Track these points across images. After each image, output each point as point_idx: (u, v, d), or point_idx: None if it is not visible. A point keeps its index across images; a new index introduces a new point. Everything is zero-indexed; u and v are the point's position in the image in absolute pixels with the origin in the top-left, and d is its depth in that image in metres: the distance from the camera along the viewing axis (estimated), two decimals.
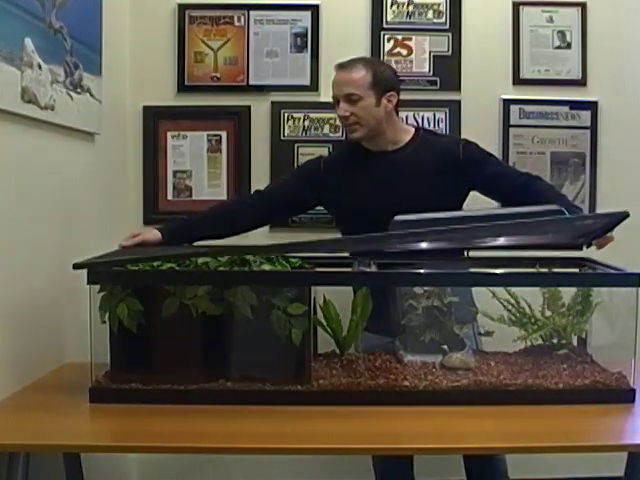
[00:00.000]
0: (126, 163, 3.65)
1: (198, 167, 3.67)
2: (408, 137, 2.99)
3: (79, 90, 2.90)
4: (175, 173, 3.67)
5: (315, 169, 3.05)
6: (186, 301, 2.31)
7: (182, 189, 3.66)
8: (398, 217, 2.43)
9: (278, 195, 3.04)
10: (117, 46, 3.46)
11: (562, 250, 2.76)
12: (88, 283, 2.30)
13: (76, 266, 2.29)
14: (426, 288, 2.51)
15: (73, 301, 2.70)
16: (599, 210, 3.69)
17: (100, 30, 3.12)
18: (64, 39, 2.76)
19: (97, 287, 2.34)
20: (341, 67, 2.93)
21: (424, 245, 2.51)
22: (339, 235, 3.08)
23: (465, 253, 2.84)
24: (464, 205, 3.00)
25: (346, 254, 2.85)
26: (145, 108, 3.65)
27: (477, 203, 3.01)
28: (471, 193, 2.97)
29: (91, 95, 3.01)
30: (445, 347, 2.47)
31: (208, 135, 3.67)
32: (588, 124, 3.70)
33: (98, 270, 2.34)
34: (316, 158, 3.15)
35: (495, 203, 3.04)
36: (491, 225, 2.36)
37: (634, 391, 2.33)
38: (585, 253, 2.50)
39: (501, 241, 2.55)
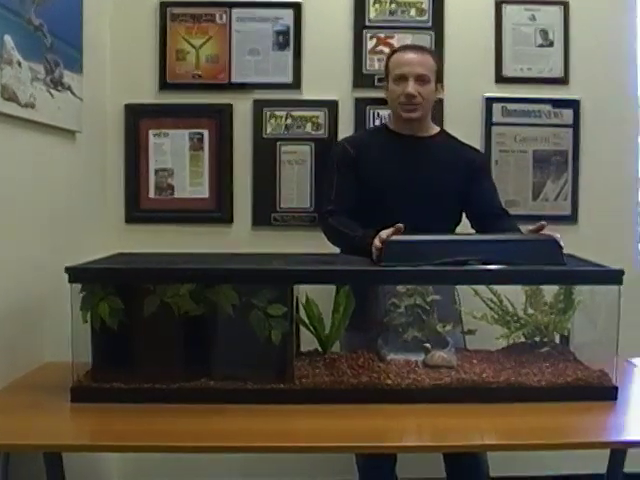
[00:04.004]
0: (107, 161, 3.62)
1: (180, 165, 3.65)
2: (436, 129, 3.18)
3: (60, 88, 2.88)
4: (157, 171, 3.65)
5: (347, 153, 3.10)
6: (167, 300, 2.30)
7: (164, 187, 3.64)
8: (393, 238, 2.47)
9: (350, 196, 3.04)
10: (98, 43, 3.44)
11: None
12: (69, 282, 2.29)
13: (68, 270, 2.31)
14: (409, 286, 2.52)
15: (54, 300, 2.68)
16: (581, 208, 3.71)
17: (81, 27, 3.10)
18: (44, 36, 2.74)
19: (78, 286, 2.33)
20: (411, 49, 3.10)
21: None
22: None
23: None
24: None
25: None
26: (127, 106, 3.63)
27: None
28: None
29: (72, 93, 2.99)
30: (428, 345, 2.47)
31: (190, 133, 3.65)
32: (570, 122, 3.71)
33: (78, 269, 2.33)
34: (338, 145, 3.22)
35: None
36: (486, 270, 2.38)
37: (616, 389, 2.34)
38: (567, 250, 2.50)
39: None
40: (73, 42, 3.02)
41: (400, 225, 2.52)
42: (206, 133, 3.65)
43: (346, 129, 3.61)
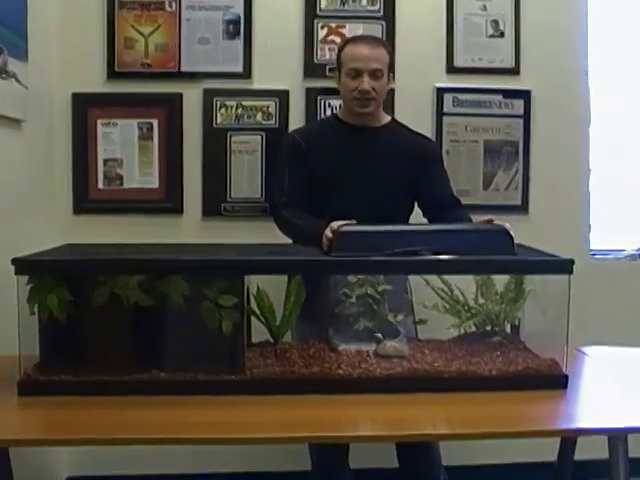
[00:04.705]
0: (55, 151, 3.56)
1: (129, 155, 3.60)
2: (387, 119, 3.15)
3: (4, 75, 2.83)
4: (106, 161, 3.60)
5: (297, 144, 3.08)
6: (117, 291, 2.28)
7: (113, 177, 3.59)
8: (344, 228, 2.47)
9: (302, 188, 3.02)
10: (44, 30, 3.38)
11: None
12: (16, 274, 2.26)
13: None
14: (359, 276, 2.51)
15: (0, 292, 2.63)
16: (531, 198, 3.73)
17: (25, 13, 3.04)
18: None
19: (25, 278, 2.29)
20: (364, 42, 3.04)
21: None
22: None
23: None
24: None
25: None
26: (74, 95, 3.57)
27: None
28: None
29: (17, 81, 2.94)
30: (379, 335, 2.47)
31: (139, 123, 3.60)
32: (521, 112, 3.73)
33: (25, 260, 2.29)
34: (288, 137, 3.19)
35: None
36: (437, 260, 2.39)
37: (566, 377, 2.35)
38: (518, 240, 2.51)
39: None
40: (18, 29, 2.97)
41: (353, 221, 2.54)
42: (155, 123, 3.61)
43: (297, 119, 3.60)
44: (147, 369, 2.31)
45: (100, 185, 3.60)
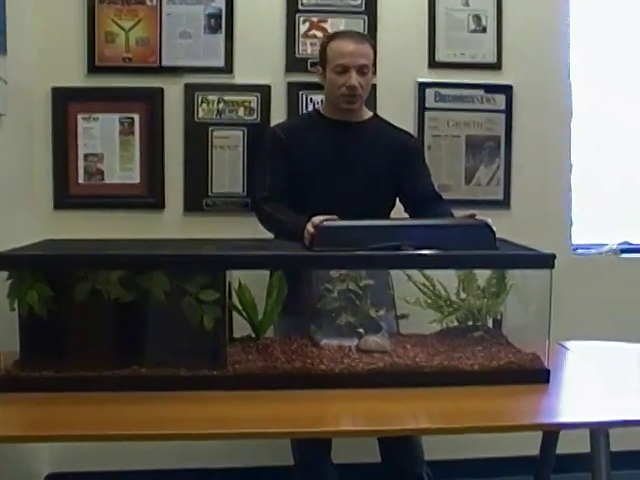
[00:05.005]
0: (34, 146, 3.53)
1: (110, 150, 3.58)
2: (369, 114, 3.15)
3: None
4: (86, 156, 3.57)
5: (278, 139, 3.07)
6: (98, 286, 2.27)
7: (93, 172, 3.57)
8: (326, 223, 2.48)
9: (283, 183, 3.01)
10: (22, 24, 3.33)
11: None
12: None
13: None
14: (341, 271, 2.51)
15: None
16: (513, 193, 3.74)
17: (4, 7, 3.00)
18: None
19: (5, 273, 2.29)
20: (350, 38, 3.02)
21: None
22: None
23: None
24: None
25: None
26: (54, 89, 3.54)
27: None
28: None
29: None
30: (361, 330, 2.47)
31: (120, 117, 3.58)
32: (503, 107, 3.73)
33: (5, 255, 2.28)
34: (270, 132, 3.18)
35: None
36: (419, 254, 2.39)
37: (548, 371, 2.36)
38: (500, 235, 2.52)
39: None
40: None
41: (335, 217, 2.53)
42: (137, 117, 3.59)
43: (279, 114, 3.58)
44: (129, 365, 2.30)
45: (80, 180, 3.58)
